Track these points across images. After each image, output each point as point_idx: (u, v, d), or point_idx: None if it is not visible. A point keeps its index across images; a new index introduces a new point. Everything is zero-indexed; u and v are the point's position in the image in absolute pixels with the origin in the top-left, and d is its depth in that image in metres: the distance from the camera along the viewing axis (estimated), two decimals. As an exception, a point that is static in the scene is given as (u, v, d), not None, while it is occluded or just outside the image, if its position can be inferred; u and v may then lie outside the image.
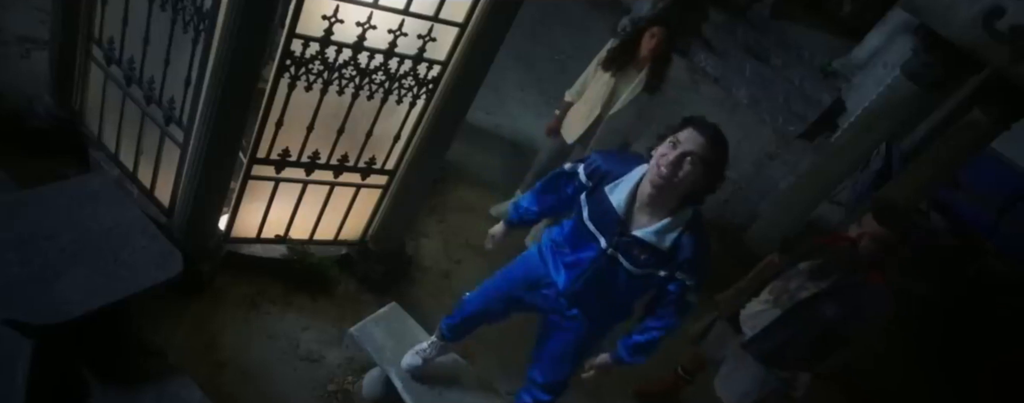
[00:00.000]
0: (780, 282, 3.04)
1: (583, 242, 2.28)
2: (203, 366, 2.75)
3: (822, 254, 2.96)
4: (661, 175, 2.05)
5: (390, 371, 2.74)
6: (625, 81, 3.70)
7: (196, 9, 2.51)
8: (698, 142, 2.05)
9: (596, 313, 2.43)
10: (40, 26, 3.60)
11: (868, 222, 2.77)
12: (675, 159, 2.04)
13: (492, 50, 2.85)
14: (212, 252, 3.08)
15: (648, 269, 2.19)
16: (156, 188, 3.07)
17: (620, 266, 2.21)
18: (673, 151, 2.05)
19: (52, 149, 3.13)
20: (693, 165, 2.05)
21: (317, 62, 2.62)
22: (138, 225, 1.90)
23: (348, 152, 3.02)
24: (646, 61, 3.64)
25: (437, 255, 3.93)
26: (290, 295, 3.24)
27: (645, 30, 3.60)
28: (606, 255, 2.22)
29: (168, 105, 2.80)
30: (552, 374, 2.61)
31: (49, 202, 1.86)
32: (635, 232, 2.16)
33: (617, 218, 2.17)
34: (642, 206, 2.16)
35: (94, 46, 2.96)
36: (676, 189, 2.09)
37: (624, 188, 2.18)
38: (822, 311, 2.89)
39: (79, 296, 1.71)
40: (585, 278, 2.31)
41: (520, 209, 2.60)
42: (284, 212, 3.18)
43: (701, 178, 2.09)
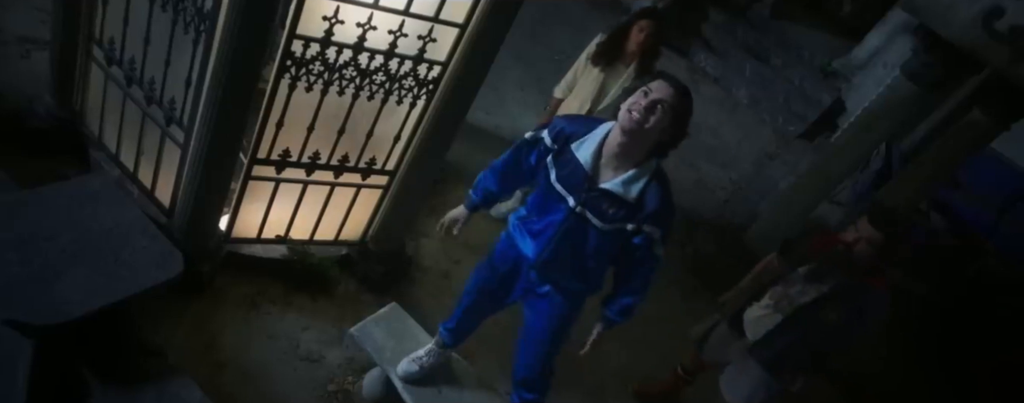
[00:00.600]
0: (780, 287, 3.04)
1: (551, 205, 2.33)
2: (203, 366, 2.75)
3: (820, 257, 2.97)
4: (633, 120, 2.11)
5: (390, 371, 2.75)
6: (614, 76, 3.72)
7: (197, 10, 2.51)
8: (668, 91, 2.13)
9: (567, 284, 2.46)
10: (40, 26, 3.60)
11: (864, 226, 2.77)
12: (648, 105, 2.11)
13: (492, 51, 2.86)
14: (212, 252, 3.09)
15: (616, 223, 2.24)
16: (156, 188, 3.08)
17: (589, 224, 2.26)
18: (645, 98, 2.12)
19: (52, 149, 3.13)
20: (664, 112, 2.11)
21: (317, 63, 2.62)
22: (138, 225, 1.90)
23: (348, 152, 3.02)
24: (635, 55, 3.66)
25: (437, 255, 3.93)
26: (290, 295, 3.25)
27: (633, 25, 3.61)
28: (575, 213, 2.27)
29: (169, 105, 2.81)
30: (529, 367, 2.65)
31: (49, 202, 1.86)
32: (602, 185, 2.21)
33: (585, 174, 2.23)
34: (609, 160, 2.22)
35: (95, 46, 2.97)
36: (646, 136, 2.15)
37: (590, 145, 2.24)
38: (823, 316, 2.90)
39: (79, 296, 1.71)
40: (554, 242, 2.35)
41: (480, 189, 2.61)
42: (284, 212, 3.18)
43: (668, 127, 2.15)
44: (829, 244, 2.98)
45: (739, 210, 6.02)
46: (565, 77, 3.93)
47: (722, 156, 6.66)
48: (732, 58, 7.87)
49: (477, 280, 2.71)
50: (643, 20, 3.60)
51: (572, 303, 2.53)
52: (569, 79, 3.91)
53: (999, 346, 5.87)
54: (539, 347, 2.63)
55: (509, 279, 2.58)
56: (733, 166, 6.60)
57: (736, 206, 6.07)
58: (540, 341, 2.62)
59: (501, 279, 2.60)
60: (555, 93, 3.99)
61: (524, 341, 2.67)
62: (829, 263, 2.92)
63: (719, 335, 3.32)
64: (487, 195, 2.62)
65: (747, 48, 7.97)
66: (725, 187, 6.25)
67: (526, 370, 2.71)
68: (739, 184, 6.38)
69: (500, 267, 2.59)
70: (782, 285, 3.06)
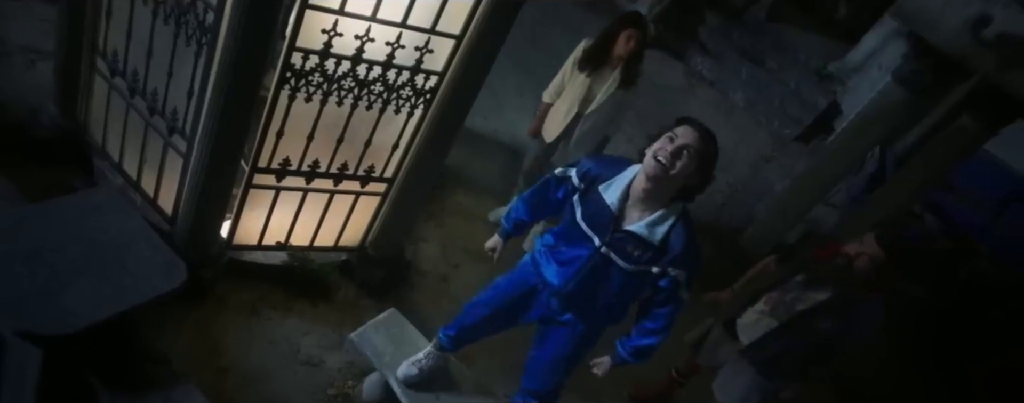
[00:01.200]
0: (777, 293, 3.09)
1: (577, 242, 2.35)
2: (206, 371, 2.81)
3: (819, 267, 3.01)
4: (657, 168, 2.13)
5: (389, 376, 2.80)
6: (600, 80, 3.80)
7: (198, 23, 2.56)
8: (693, 136, 2.16)
9: (589, 316, 2.49)
10: (44, 36, 3.65)
11: (869, 242, 2.80)
12: (674, 150, 2.13)
13: (488, 61, 2.91)
14: (214, 259, 3.14)
15: (641, 266, 2.26)
16: (159, 196, 3.13)
17: (614, 264, 2.28)
18: (671, 144, 2.15)
19: (57, 158, 3.19)
20: (689, 157, 2.14)
21: (317, 74, 2.68)
22: (142, 236, 1.96)
23: (347, 161, 3.08)
24: (620, 60, 3.72)
25: (436, 260, 3.99)
26: (291, 301, 3.30)
27: (618, 31, 3.67)
28: (600, 253, 2.29)
29: (171, 116, 2.86)
30: (543, 383, 2.67)
31: (56, 215, 1.92)
32: (627, 227, 2.23)
33: (611, 215, 2.25)
34: (635, 202, 2.24)
35: (98, 58, 3.02)
36: (671, 182, 2.17)
37: (618, 187, 2.26)
38: (818, 324, 2.94)
39: (86, 307, 1.76)
40: (579, 277, 2.37)
41: (511, 219, 2.68)
42: (285, 219, 3.23)
43: (695, 172, 2.18)
44: (830, 254, 3.01)
45: (736, 213, 6.08)
46: (553, 82, 4.01)
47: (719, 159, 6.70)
48: (728, 61, 7.92)
49: (493, 296, 2.70)
50: (630, 28, 3.66)
51: (592, 333, 2.57)
52: (557, 83, 3.98)
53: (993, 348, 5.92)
54: (555, 368, 2.66)
55: (526, 300, 2.59)
56: (730, 169, 6.65)
57: (733, 209, 6.13)
58: (556, 363, 2.65)
59: (517, 300, 2.61)
60: (544, 98, 4.07)
61: (538, 360, 2.68)
62: (829, 273, 2.96)
63: (714, 338, 3.37)
64: (519, 224, 2.69)
65: (743, 51, 8.01)
66: (722, 190, 6.30)
67: (539, 385, 2.72)
68: (735, 187, 6.43)
69: (519, 289, 2.60)
70: (779, 291, 3.10)
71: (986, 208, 6.89)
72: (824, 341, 2.96)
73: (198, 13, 2.54)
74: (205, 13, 2.53)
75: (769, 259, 3.31)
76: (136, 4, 2.73)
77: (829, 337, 2.95)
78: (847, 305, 2.88)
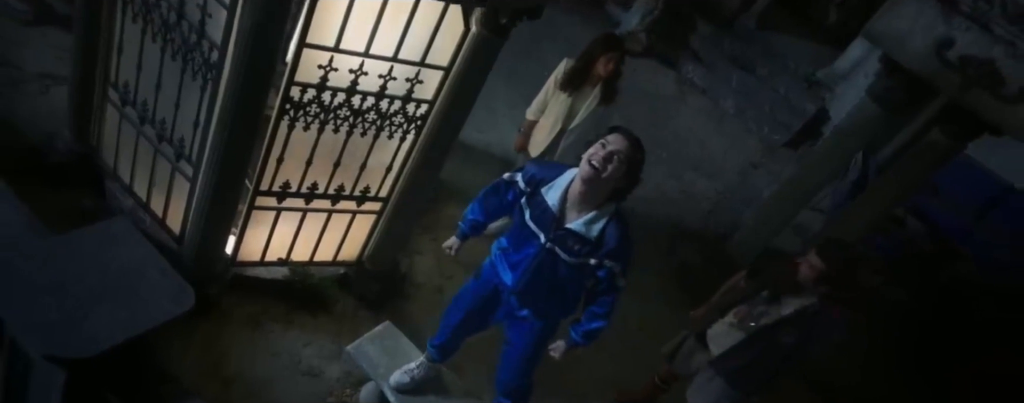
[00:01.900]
0: (744, 307, 3.29)
1: (525, 241, 2.61)
2: (212, 383, 3.01)
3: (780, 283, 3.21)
4: (590, 172, 2.37)
5: (384, 386, 3.00)
6: (581, 98, 4.01)
7: (204, 60, 2.76)
8: (623, 143, 2.40)
9: (543, 309, 2.74)
10: (58, 63, 3.85)
11: (812, 255, 3.03)
12: (605, 155, 2.37)
13: (475, 89, 3.11)
14: (219, 275, 3.34)
15: (581, 258, 2.51)
16: (168, 217, 3.33)
17: (558, 258, 2.54)
18: (603, 150, 2.39)
19: (71, 182, 3.39)
20: (619, 162, 2.38)
21: (314, 105, 2.88)
22: (153, 264, 2.15)
23: (344, 183, 3.28)
24: (599, 78, 3.92)
25: (430, 271, 4.18)
26: (292, 313, 3.50)
27: (597, 54, 3.87)
28: (545, 249, 2.55)
29: (178, 143, 3.06)
30: (512, 378, 2.93)
31: (77, 246, 2.11)
32: (568, 225, 2.48)
33: (553, 215, 2.50)
34: (573, 204, 2.49)
35: (110, 88, 3.22)
36: (603, 184, 2.41)
37: (557, 189, 2.50)
38: (781, 337, 3.16)
39: (105, 332, 1.96)
40: (530, 272, 2.62)
41: (468, 220, 2.90)
42: (286, 237, 3.43)
43: (624, 176, 2.42)
44: (793, 271, 3.22)
45: (723, 220, 6.25)
46: (536, 100, 4.21)
47: (708, 167, 6.89)
48: (719, 69, 8.10)
49: (463, 301, 2.97)
50: (609, 51, 3.85)
51: (547, 325, 2.80)
52: (540, 101, 4.18)
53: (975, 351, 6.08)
54: (520, 363, 2.90)
55: (492, 302, 2.86)
56: (719, 176, 6.83)
57: (720, 216, 6.30)
58: (520, 358, 2.89)
59: (485, 301, 2.88)
60: (528, 115, 4.27)
61: (506, 358, 2.95)
62: (788, 289, 3.17)
63: (687, 348, 3.57)
64: (474, 224, 2.90)
65: (734, 59, 8.19)
66: (710, 197, 6.48)
67: (508, 383, 2.98)
68: (724, 194, 6.60)
69: (483, 290, 2.87)
70: (746, 305, 3.31)
71: (968, 212, 7.05)
72: (786, 353, 3.18)
73: (203, 51, 2.74)
74: (210, 51, 2.72)
75: (739, 275, 3.50)
76: (146, 40, 2.92)
77: (790, 349, 3.17)
78: (805, 319, 3.09)
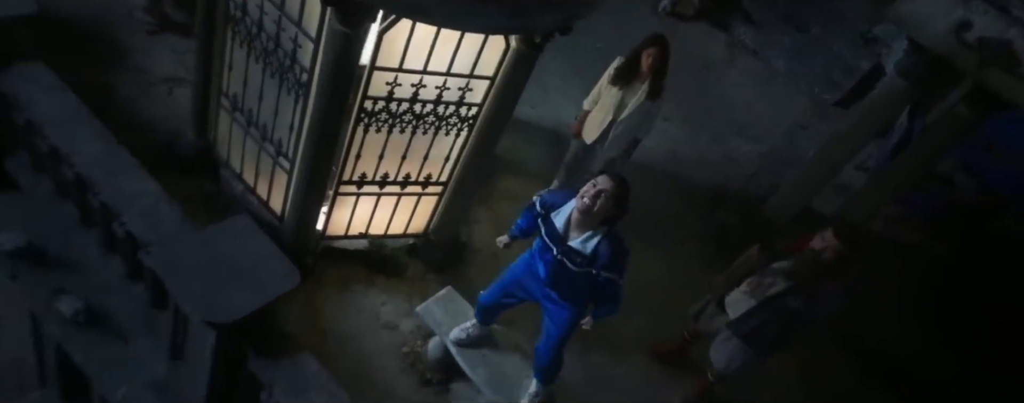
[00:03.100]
0: (756, 278, 3.77)
1: (546, 250, 3.23)
2: (312, 334, 3.80)
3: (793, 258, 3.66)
4: (584, 205, 2.98)
5: (447, 341, 3.71)
6: (631, 92, 4.45)
7: (296, 80, 3.41)
8: (610, 184, 2.98)
9: (568, 297, 3.35)
10: (179, 66, 4.60)
11: (829, 237, 3.46)
12: (594, 194, 2.96)
13: (517, 92, 3.66)
14: (313, 247, 4.10)
15: (584, 268, 3.11)
16: (270, 200, 4.09)
17: (566, 266, 3.15)
18: (593, 189, 2.98)
19: (195, 170, 4.18)
20: (606, 199, 2.96)
21: (383, 113, 3.51)
22: (270, 251, 2.83)
23: (410, 172, 3.93)
24: (647, 75, 4.35)
25: (487, 239, 4.81)
26: (372, 277, 4.24)
27: (643, 50, 4.29)
28: (557, 259, 3.17)
29: (277, 143, 3.77)
30: (545, 358, 3.57)
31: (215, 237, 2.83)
32: (570, 243, 3.09)
33: (559, 235, 3.11)
34: (574, 226, 3.09)
35: (223, 97, 3.94)
36: (595, 215, 3.01)
37: (563, 215, 3.12)
38: (788, 304, 3.64)
39: (240, 303, 2.68)
40: (551, 274, 3.26)
41: (517, 226, 3.52)
42: (364, 215, 4.14)
43: (612, 208, 3.00)
44: (803, 246, 3.66)
45: (765, 182, 6.57)
46: (591, 93, 4.68)
47: (753, 130, 7.17)
48: (772, 29, 8.22)
49: (515, 268, 3.58)
50: (650, 47, 4.28)
51: (574, 313, 3.41)
52: (594, 94, 4.65)
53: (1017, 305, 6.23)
54: (554, 347, 3.54)
55: (532, 278, 3.44)
56: (764, 139, 7.10)
57: (763, 179, 6.62)
58: (554, 343, 3.53)
59: (527, 277, 3.48)
60: (584, 105, 4.75)
61: (544, 341, 3.57)
62: (799, 263, 3.63)
63: (709, 311, 4.11)
64: (522, 230, 3.52)
65: (786, 18, 8.28)
66: (753, 161, 6.80)
67: (542, 360, 3.63)
68: (767, 157, 6.89)
69: (527, 269, 3.46)
70: (758, 275, 3.79)
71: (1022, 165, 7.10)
72: (794, 317, 3.67)
73: (296, 73, 3.39)
74: (301, 73, 3.37)
75: (753, 248, 3.97)
76: (250, 62, 3.60)
77: (798, 314, 3.65)
78: (811, 291, 3.57)
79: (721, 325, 4.02)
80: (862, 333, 5.43)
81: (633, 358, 4.62)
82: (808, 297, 3.59)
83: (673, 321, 4.78)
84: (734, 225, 5.88)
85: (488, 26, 3.06)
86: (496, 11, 2.88)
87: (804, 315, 3.64)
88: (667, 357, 4.67)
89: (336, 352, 3.79)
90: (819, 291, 3.56)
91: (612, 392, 4.37)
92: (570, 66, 6.65)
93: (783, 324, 3.73)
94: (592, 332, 3.66)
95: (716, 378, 4.23)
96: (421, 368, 3.95)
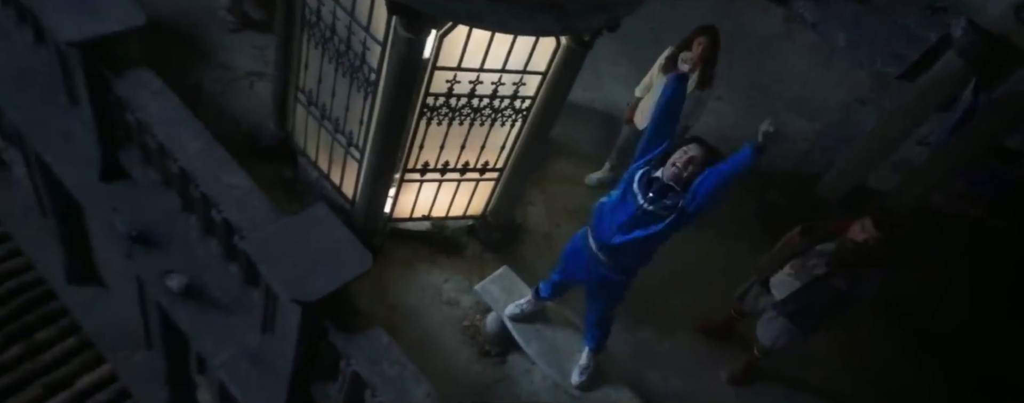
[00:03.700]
0: (800, 260, 3.93)
1: (626, 200, 3.37)
2: (380, 308, 4.19)
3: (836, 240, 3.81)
4: (675, 171, 3.21)
5: (503, 317, 4.05)
6: None
7: (365, 79, 3.74)
8: (700, 151, 3.21)
9: (621, 266, 3.54)
10: (259, 61, 5.00)
11: (868, 227, 3.60)
12: (686, 160, 3.20)
13: (567, 86, 3.90)
14: (380, 228, 4.48)
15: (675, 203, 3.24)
16: (342, 185, 4.48)
17: (650, 216, 3.29)
18: (684, 156, 3.20)
19: (275, 158, 4.60)
20: (697, 165, 3.19)
21: (444, 108, 3.80)
22: (346, 238, 3.19)
23: (469, 160, 4.24)
24: (697, 64, 4.48)
25: (540, 219, 5.10)
26: (434, 256, 4.60)
27: (693, 40, 4.43)
28: (642, 209, 3.29)
29: (349, 134, 4.13)
30: (598, 321, 3.83)
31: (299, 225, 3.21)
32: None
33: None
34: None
35: (299, 93, 4.32)
36: (684, 182, 3.22)
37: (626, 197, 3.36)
38: (832, 284, 3.80)
39: (321, 284, 3.06)
40: (625, 225, 3.35)
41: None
42: (427, 199, 4.49)
43: (698, 173, 3.20)
44: (843, 230, 3.80)
45: (820, 160, 6.57)
46: (643, 81, 4.85)
47: (809, 106, 7.13)
48: (832, 2, 8.07)
49: (561, 272, 3.86)
50: (700, 36, 4.41)
51: (624, 282, 3.65)
52: (646, 82, 4.82)
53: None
54: (601, 314, 3.83)
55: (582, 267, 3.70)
56: (819, 115, 7.06)
57: (817, 156, 6.62)
58: (603, 310, 3.81)
59: (576, 267, 3.76)
60: (636, 93, 4.93)
61: (594, 313, 3.85)
62: (841, 248, 3.78)
63: (754, 292, 4.30)
64: None
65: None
66: (808, 138, 6.80)
67: (592, 331, 3.92)
68: (823, 133, 6.86)
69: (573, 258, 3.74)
70: (801, 258, 3.96)
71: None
72: (835, 299, 3.84)
73: (364, 73, 3.72)
74: (369, 73, 3.69)
75: (795, 231, 4.13)
76: (324, 62, 3.95)
77: (839, 296, 3.82)
78: (853, 273, 3.73)
79: (767, 305, 4.21)
80: (915, 310, 5.47)
81: (680, 334, 4.83)
82: (851, 279, 3.76)
83: (720, 299, 4.92)
84: (784, 204, 5.94)
85: (538, 30, 3.29)
86: (545, 17, 3.12)
87: (847, 295, 3.81)
88: (714, 333, 4.86)
89: (402, 325, 4.18)
90: (861, 274, 3.73)
91: (659, 366, 4.62)
92: (623, 48, 6.73)
93: (828, 304, 3.91)
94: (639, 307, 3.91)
95: (762, 354, 4.44)
96: (480, 341, 4.31)
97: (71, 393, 4.97)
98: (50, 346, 5.09)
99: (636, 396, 4.06)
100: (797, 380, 4.87)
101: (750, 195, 6.02)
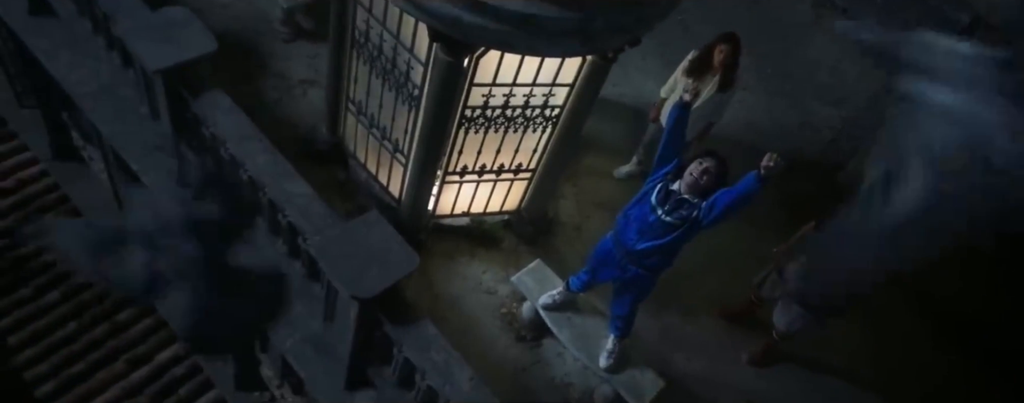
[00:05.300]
0: None
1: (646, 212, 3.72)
2: (425, 297, 4.64)
3: None
4: (692, 179, 3.54)
5: (537, 306, 4.47)
6: (703, 84, 4.85)
7: (409, 94, 4.14)
8: (713, 163, 3.53)
9: (648, 266, 3.89)
10: (311, 70, 5.42)
11: None
12: (701, 171, 3.53)
13: (593, 95, 4.23)
14: (425, 225, 4.91)
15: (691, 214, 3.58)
16: (389, 186, 4.91)
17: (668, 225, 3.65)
18: (700, 166, 3.53)
19: (328, 161, 5.05)
20: (711, 176, 3.52)
21: (480, 118, 4.18)
22: (395, 239, 3.62)
23: (504, 162, 4.62)
24: (719, 68, 4.75)
25: (571, 212, 5.46)
26: (474, 249, 5.01)
27: (715, 47, 4.69)
28: (660, 220, 3.66)
29: (395, 142, 4.54)
30: (623, 313, 4.19)
31: (354, 229, 3.65)
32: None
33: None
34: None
35: (349, 103, 4.74)
36: (699, 189, 3.56)
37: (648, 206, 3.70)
38: None
39: (375, 281, 3.50)
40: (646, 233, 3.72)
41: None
42: (466, 197, 4.90)
43: (714, 183, 3.54)
44: None
45: (846, 148, 6.71)
46: (668, 82, 5.12)
47: (837, 94, 7.23)
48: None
49: (591, 268, 4.22)
50: (721, 44, 4.67)
51: (652, 276, 4.00)
52: (670, 84, 5.10)
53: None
54: (628, 307, 4.19)
55: (610, 264, 4.06)
56: (847, 103, 7.16)
57: (843, 144, 6.76)
58: (629, 304, 4.17)
59: (604, 265, 4.12)
60: (661, 93, 5.21)
61: (623, 300, 4.20)
62: None
63: (771, 280, 4.62)
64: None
65: (881, -26, 8.12)
66: (833, 126, 6.94)
67: (618, 321, 4.28)
68: (850, 121, 6.97)
69: (603, 257, 4.10)
70: None
71: None
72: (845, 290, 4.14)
73: (409, 88, 4.11)
74: (413, 89, 4.08)
75: (810, 225, 4.41)
76: (371, 77, 4.35)
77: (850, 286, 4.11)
78: None
79: (782, 292, 4.53)
80: (933, 288, 5.55)
81: (703, 318, 5.16)
82: None
83: (742, 285, 5.16)
84: (808, 192, 6.13)
85: (564, 53, 3.63)
86: (571, 42, 3.45)
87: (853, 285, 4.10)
88: (735, 318, 5.16)
89: (446, 312, 4.63)
90: None
91: (683, 349, 4.97)
92: (651, 42, 6.83)
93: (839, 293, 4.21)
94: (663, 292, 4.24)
95: (780, 338, 4.77)
96: (516, 327, 4.74)
97: (152, 367, 5.55)
98: (129, 326, 5.67)
99: (659, 377, 4.43)
100: (815, 361, 5.16)
101: (776, 183, 6.24)
